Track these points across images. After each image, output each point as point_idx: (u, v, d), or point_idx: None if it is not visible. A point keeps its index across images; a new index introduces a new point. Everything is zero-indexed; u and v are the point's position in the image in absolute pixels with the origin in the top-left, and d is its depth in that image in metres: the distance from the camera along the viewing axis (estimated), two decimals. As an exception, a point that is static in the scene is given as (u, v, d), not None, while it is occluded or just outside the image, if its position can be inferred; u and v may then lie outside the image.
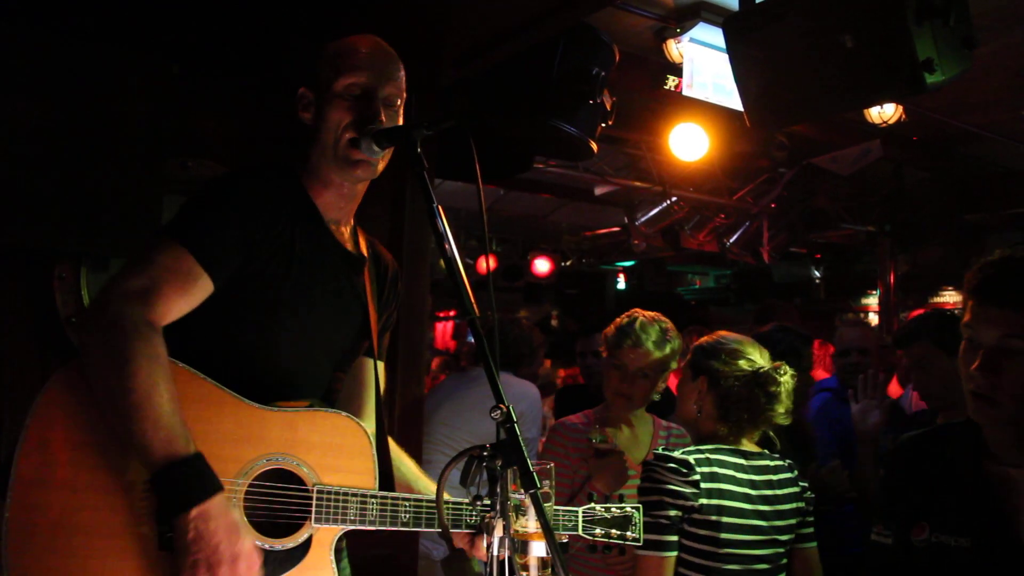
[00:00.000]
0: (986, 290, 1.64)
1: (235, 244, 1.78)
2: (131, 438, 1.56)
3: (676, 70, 4.11)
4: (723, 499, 2.29)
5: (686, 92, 4.02)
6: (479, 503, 1.49)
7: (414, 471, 2.10)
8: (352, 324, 2.02)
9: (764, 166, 6.75)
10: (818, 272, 10.21)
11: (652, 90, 4.63)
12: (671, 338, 2.91)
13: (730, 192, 7.20)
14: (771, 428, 2.45)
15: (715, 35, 3.90)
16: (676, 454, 2.32)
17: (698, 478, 2.28)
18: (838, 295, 10.38)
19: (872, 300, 9.74)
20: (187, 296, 1.71)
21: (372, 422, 2.03)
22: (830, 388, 3.88)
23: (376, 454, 1.86)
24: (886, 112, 4.83)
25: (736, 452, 2.39)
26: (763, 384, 2.38)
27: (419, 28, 3.32)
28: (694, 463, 2.30)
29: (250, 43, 3.17)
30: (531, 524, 1.53)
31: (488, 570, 1.49)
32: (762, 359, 2.44)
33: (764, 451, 2.47)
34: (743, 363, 2.41)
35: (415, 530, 1.86)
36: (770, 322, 3.77)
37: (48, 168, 2.62)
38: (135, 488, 1.61)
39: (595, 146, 3.60)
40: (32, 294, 2.80)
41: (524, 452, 1.44)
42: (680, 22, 4.01)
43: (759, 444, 2.50)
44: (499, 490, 1.46)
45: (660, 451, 2.38)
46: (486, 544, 1.49)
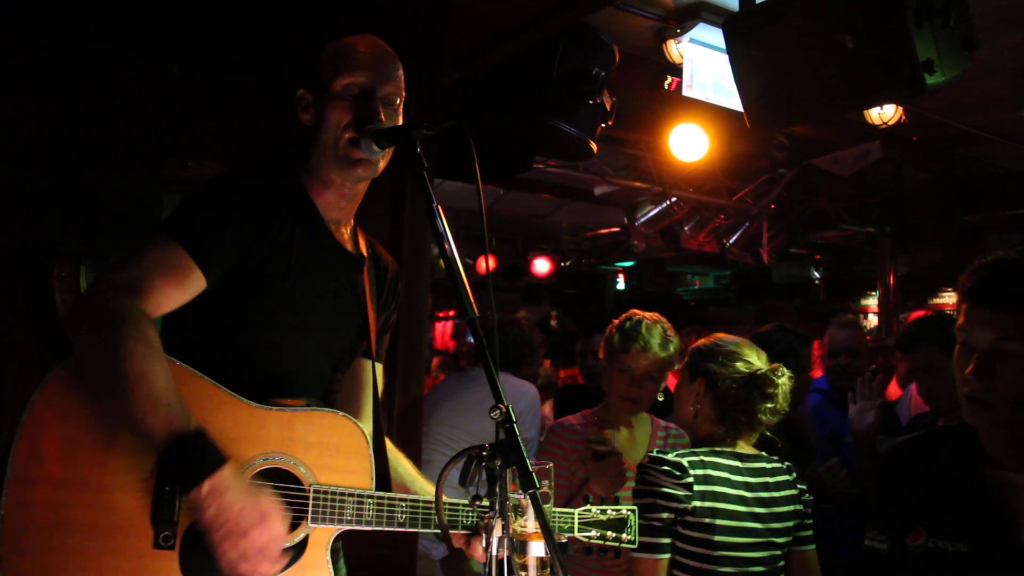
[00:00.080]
0: (980, 293, 1.64)
1: (230, 241, 1.77)
2: (132, 423, 1.56)
3: (676, 70, 4.11)
4: (717, 502, 2.29)
5: (686, 92, 4.02)
6: (478, 503, 1.48)
7: (411, 472, 2.09)
8: (351, 324, 2.02)
9: (764, 167, 6.74)
10: (818, 273, 10.22)
11: (652, 90, 4.63)
12: (671, 337, 2.91)
13: (730, 192, 7.19)
14: (769, 430, 2.45)
15: (715, 35, 3.90)
16: (670, 456, 2.32)
17: (691, 481, 2.28)
18: (838, 296, 10.38)
19: (872, 301, 9.74)
20: (178, 290, 1.71)
21: (369, 422, 2.03)
22: (820, 389, 3.87)
23: (373, 454, 1.86)
24: (886, 113, 4.83)
25: (732, 455, 2.39)
26: (760, 386, 2.38)
27: (419, 28, 3.32)
28: (688, 465, 2.30)
29: (250, 43, 3.17)
30: (530, 524, 1.53)
31: (487, 570, 1.49)
32: (759, 361, 2.43)
33: (762, 453, 2.46)
34: (740, 365, 2.41)
35: (411, 531, 1.86)
36: (769, 323, 3.76)
37: (48, 168, 2.62)
38: (132, 487, 1.61)
39: (595, 146, 3.60)
40: (32, 293, 2.80)
41: (523, 452, 1.44)
42: (680, 22, 4.01)
43: (758, 446, 2.50)
44: (498, 490, 1.46)
45: (654, 453, 2.38)
46: (485, 544, 1.49)
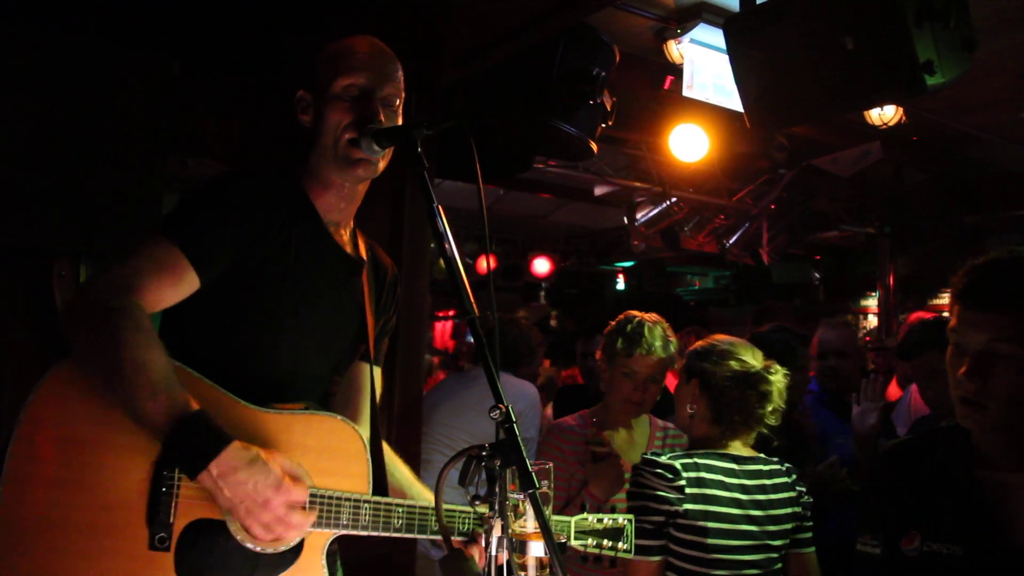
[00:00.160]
0: (972, 294, 1.64)
1: (227, 242, 1.77)
2: (134, 413, 1.56)
3: (676, 71, 4.11)
4: (709, 504, 2.28)
5: (686, 93, 4.01)
6: (476, 504, 1.48)
7: (408, 477, 2.09)
8: (349, 326, 2.02)
9: (764, 167, 6.74)
10: (817, 273, 10.21)
11: (652, 91, 4.63)
12: (671, 337, 2.91)
13: (730, 193, 7.19)
14: (765, 429, 2.44)
15: (715, 36, 3.90)
16: (663, 458, 2.32)
17: (683, 483, 2.27)
18: (838, 296, 10.38)
19: (871, 302, 9.74)
20: (172, 289, 1.71)
21: (367, 427, 2.03)
22: (809, 391, 3.87)
23: (370, 459, 1.86)
24: (886, 114, 4.83)
25: (727, 457, 2.38)
26: (754, 384, 2.37)
27: (419, 27, 3.32)
28: (680, 468, 2.29)
29: (250, 42, 3.17)
30: (529, 524, 1.53)
31: (486, 570, 1.49)
32: (754, 359, 2.43)
33: (759, 455, 2.46)
34: (734, 363, 2.40)
35: (408, 536, 1.86)
36: (767, 323, 3.76)
37: (48, 167, 2.62)
38: (128, 487, 1.60)
39: (595, 146, 3.60)
40: (32, 292, 2.80)
41: (523, 452, 1.44)
42: (680, 23, 4.01)
43: (756, 446, 2.50)
44: (498, 490, 1.46)
45: (648, 455, 2.38)
46: (484, 543, 1.49)
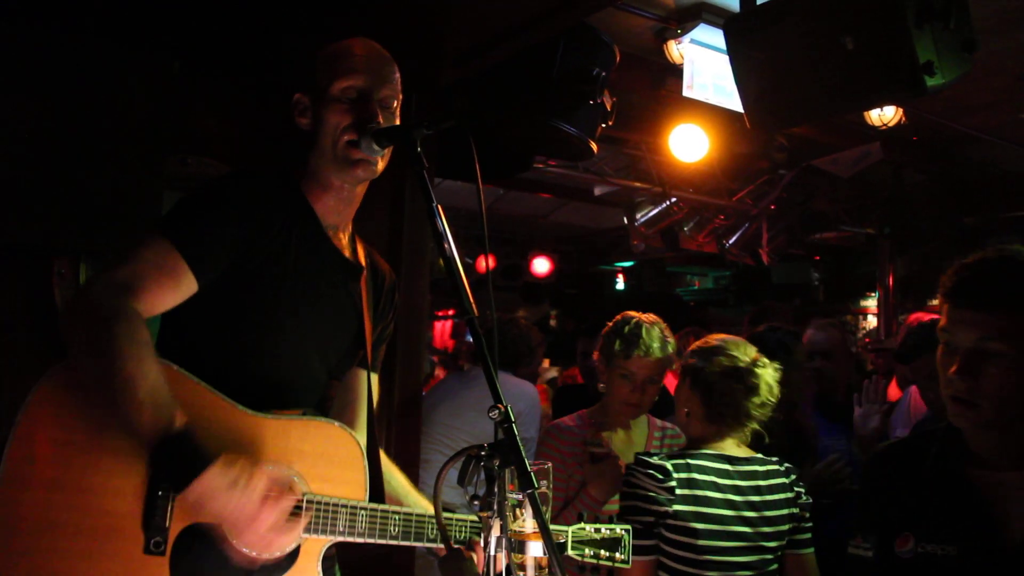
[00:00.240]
0: (961, 293, 1.65)
1: (225, 243, 1.77)
2: (123, 421, 1.56)
3: (676, 71, 4.11)
4: (700, 505, 2.28)
5: (686, 93, 4.02)
6: (475, 503, 1.48)
7: (404, 486, 2.09)
8: (347, 329, 2.02)
9: (764, 167, 6.73)
10: (817, 274, 10.21)
11: (652, 91, 4.63)
12: (669, 338, 2.90)
13: (730, 193, 7.19)
14: (755, 424, 2.43)
15: (716, 36, 3.90)
16: (654, 459, 2.32)
17: (674, 484, 2.27)
18: (837, 297, 10.38)
19: (871, 302, 9.74)
20: (170, 291, 1.71)
21: (364, 433, 2.03)
22: None
23: (367, 466, 1.86)
24: (886, 114, 4.83)
25: (722, 457, 2.38)
26: (741, 378, 2.37)
27: (419, 27, 3.32)
28: (671, 469, 2.30)
29: (250, 42, 3.17)
30: (528, 524, 1.53)
31: (486, 570, 1.49)
32: (742, 355, 2.43)
33: (756, 455, 2.45)
34: (722, 359, 2.41)
35: (403, 543, 1.86)
36: (764, 324, 3.76)
37: (48, 166, 2.62)
38: (124, 490, 1.60)
39: (595, 146, 3.60)
40: (32, 291, 2.80)
41: (522, 452, 1.44)
42: (681, 23, 4.01)
43: (755, 446, 2.49)
44: (496, 490, 1.46)
45: (640, 454, 2.38)
46: (483, 543, 1.49)
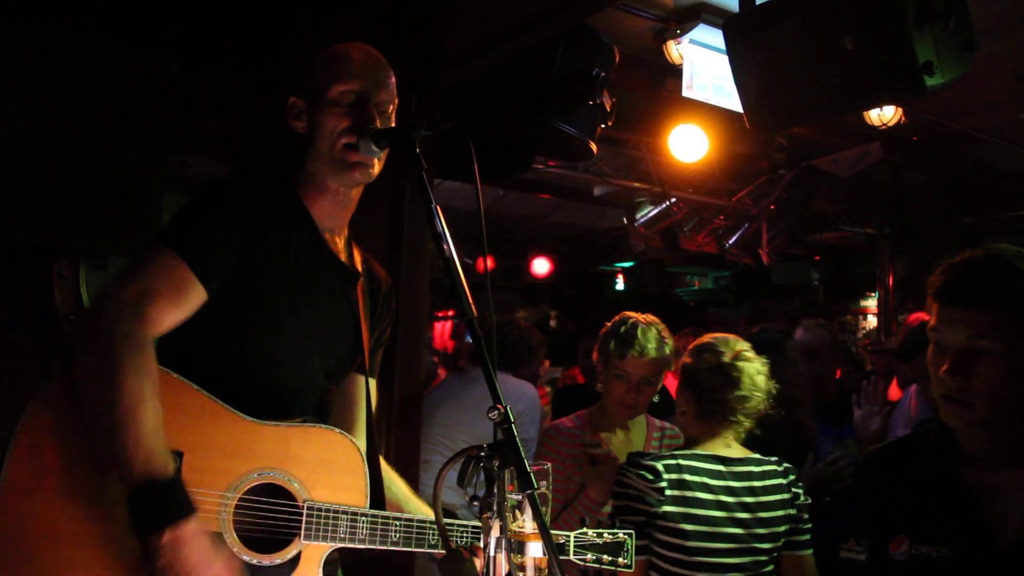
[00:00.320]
0: (950, 292, 1.65)
1: (229, 252, 1.78)
2: (112, 452, 1.54)
3: (676, 71, 4.11)
4: (690, 507, 2.28)
5: (686, 93, 4.01)
6: (475, 504, 1.48)
7: (405, 492, 2.09)
8: (345, 333, 2.02)
9: (763, 168, 6.74)
10: (817, 274, 10.21)
11: (652, 91, 4.63)
12: (667, 339, 2.90)
13: (729, 193, 7.18)
14: (742, 417, 2.41)
15: (715, 36, 3.89)
16: (646, 459, 2.33)
17: (664, 485, 2.28)
18: (837, 297, 10.38)
19: (871, 302, 9.74)
20: (181, 306, 1.71)
21: (363, 439, 2.03)
22: None
23: (368, 472, 1.86)
24: (886, 114, 4.83)
25: (714, 458, 2.38)
26: (724, 372, 2.39)
27: (419, 27, 3.32)
28: (662, 469, 2.30)
29: (250, 42, 3.17)
30: (528, 525, 1.53)
31: (485, 571, 1.49)
32: (728, 350, 2.44)
33: (751, 455, 2.45)
34: (708, 355, 2.43)
35: (404, 549, 1.85)
36: (760, 324, 3.76)
37: (48, 166, 2.61)
38: (123, 500, 1.59)
39: (595, 147, 3.60)
40: (31, 291, 2.80)
41: (521, 453, 1.44)
42: (680, 23, 4.01)
43: (757, 446, 2.49)
44: (496, 491, 1.46)
45: (633, 454, 2.38)
46: (483, 544, 1.49)
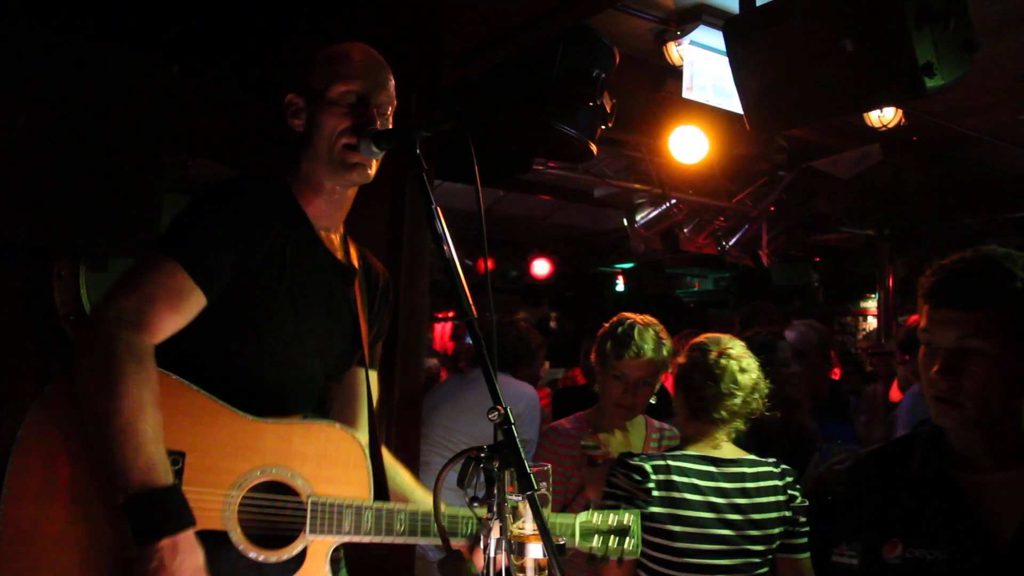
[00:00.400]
0: (940, 293, 1.65)
1: (227, 256, 1.78)
2: (111, 461, 1.54)
3: (676, 72, 4.11)
4: (677, 508, 2.27)
5: (686, 95, 4.02)
6: (475, 506, 1.48)
7: (409, 482, 2.09)
8: (343, 331, 2.02)
9: (764, 169, 6.74)
10: (817, 275, 10.21)
11: (652, 92, 4.63)
12: (664, 340, 2.89)
13: (729, 195, 7.19)
14: (724, 412, 2.39)
15: (715, 38, 3.90)
16: (635, 459, 2.33)
17: (652, 486, 2.28)
18: (837, 298, 10.38)
19: (871, 303, 9.74)
20: (180, 313, 1.71)
21: (365, 432, 2.03)
22: None
23: (370, 465, 1.86)
24: (886, 116, 4.83)
25: (706, 459, 2.38)
26: (707, 369, 2.39)
27: (419, 27, 3.32)
28: (649, 470, 2.30)
29: (250, 43, 3.17)
30: (528, 526, 1.53)
31: (485, 572, 1.49)
32: (714, 348, 2.44)
33: (746, 456, 2.44)
34: (696, 354, 2.44)
35: (411, 540, 1.85)
36: (755, 325, 3.77)
37: (47, 166, 2.61)
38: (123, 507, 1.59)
39: (595, 148, 3.60)
40: (30, 292, 2.80)
41: (521, 454, 1.44)
42: (680, 24, 4.01)
43: (754, 447, 2.49)
44: (496, 492, 1.46)
45: (623, 454, 2.38)
46: (483, 545, 1.49)
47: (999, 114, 5.27)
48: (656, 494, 2.27)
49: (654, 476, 2.29)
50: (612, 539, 2.03)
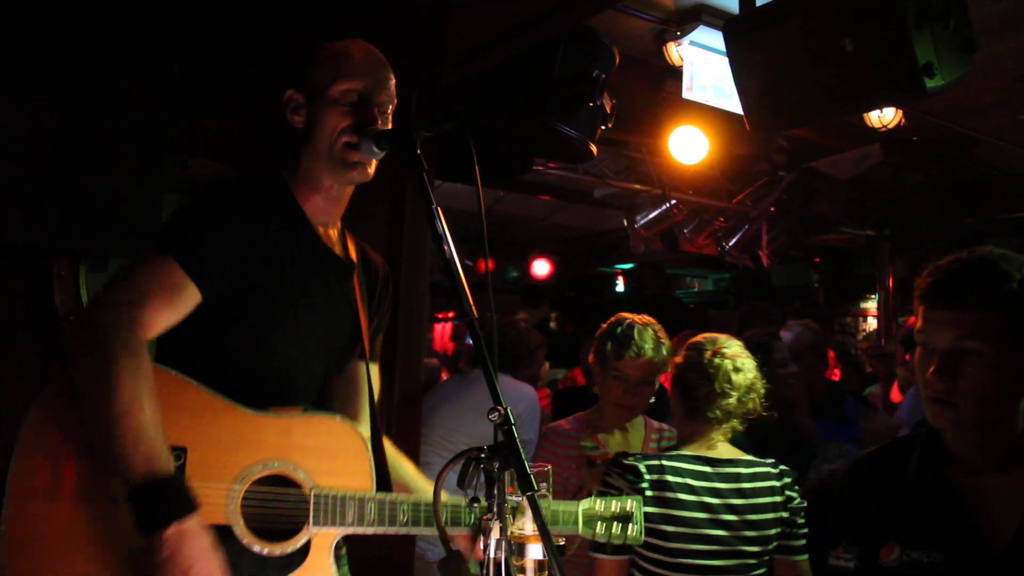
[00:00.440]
0: (936, 294, 1.65)
1: (223, 253, 1.78)
2: (111, 454, 1.55)
3: (676, 73, 4.11)
4: (670, 508, 2.27)
5: (686, 95, 4.01)
6: (476, 505, 1.48)
7: (411, 472, 2.10)
8: (343, 326, 2.02)
9: (764, 169, 6.74)
10: (817, 276, 10.20)
11: (652, 93, 4.63)
12: (663, 340, 2.90)
13: (729, 195, 7.19)
14: (717, 412, 2.39)
15: (715, 38, 3.89)
16: (629, 459, 2.33)
17: (645, 486, 2.28)
18: (837, 299, 10.37)
19: (871, 304, 9.74)
20: (174, 308, 1.71)
21: (367, 424, 2.03)
22: None
23: (372, 456, 1.86)
24: (886, 116, 4.83)
25: (701, 459, 2.37)
26: (701, 368, 2.39)
27: (419, 28, 3.32)
28: (643, 470, 2.30)
29: (250, 43, 3.17)
30: (528, 526, 1.53)
31: (484, 572, 1.49)
32: (709, 347, 2.44)
33: (742, 457, 2.43)
34: (691, 353, 2.44)
35: (415, 530, 1.86)
36: (754, 326, 3.76)
37: (48, 166, 2.61)
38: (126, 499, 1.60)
39: (595, 148, 3.60)
40: (31, 292, 2.80)
41: (522, 454, 1.43)
42: (680, 25, 4.01)
43: (753, 448, 2.49)
44: (496, 492, 1.46)
45: (619, 454, 2.38)
46: (483, 546, 1.49)
47: (999, 114, 5.26)
48: (649, 494, 2.27)
49: (648, 476, 2.29)
50: (615, 525, 2.04)
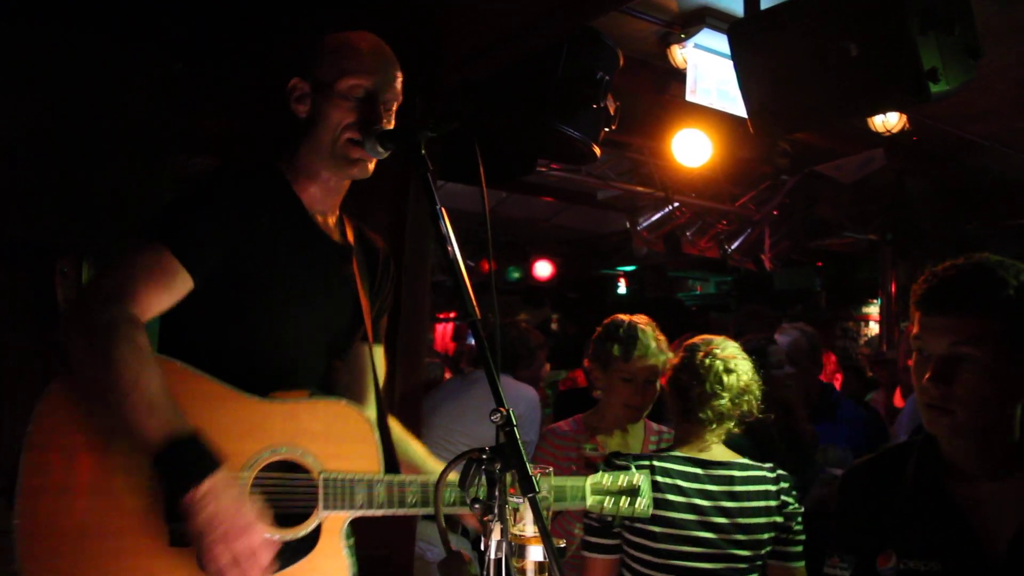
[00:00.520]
0: (932, 300, 1.65)
1: (215, 239, 1.78)
2: (128, 428, 1.56)
3: (680, 76, 4.11)
4: (658, 508, 2.26)
5: (690, 98, 4.01)
6: (476, 507, 1.48)
7: (420, 453, 2.11)
8: (344, 312, 2.02)
9: (767, 173, 6.73)
10: (819, 280, 10.19)
11: (656, 95, 4.62)
12: (660, 336, 2.91)
13: (732, 198, 7.18)
14: (709, 412, 2.38)
15: (720, 41, 3.89)
16: (621, 461, 2.32)
17: None
18: (839, 303, 10.36)
19: (873, 309, 9.73)
20: (166, 292, 1.71)
21: (373, 406, 2.04)
22: None
23: (379, 438, 1.87)
24: (890, 120, 4.83)
25: (693, 461, 2.36)
26: (693, 369, 2.39)
27: (420, 29, 3.32)
28: (633, 471, 2.30)
29: (252, 42, 3.17)
30: (528, 528, 1.52)
31: (484, 573, 1.48)
32: (703, 349, 2.44)
33: (736, 460, 2.42)
34: (686, 355, 2.44)
35: (423, 510, 1.86)
36: (749, 329, 3.77)
37: (51, 164, 2.62)
38: (141, 487, 1.62)
39: (598, 150, 3.60)
40: (34, 289, 2.80)
41: (523, 455, 1.43)
42: (685, 28, 4.00)
43: (750, 451, 2.48)
44: (497, 493, 1.46)
45: (611, 454, 2.38)
46: (483, 546, 1.49)
47: (1002, 120, 5.25)
48: None
49: None
50: (623, 499, 2.05)
